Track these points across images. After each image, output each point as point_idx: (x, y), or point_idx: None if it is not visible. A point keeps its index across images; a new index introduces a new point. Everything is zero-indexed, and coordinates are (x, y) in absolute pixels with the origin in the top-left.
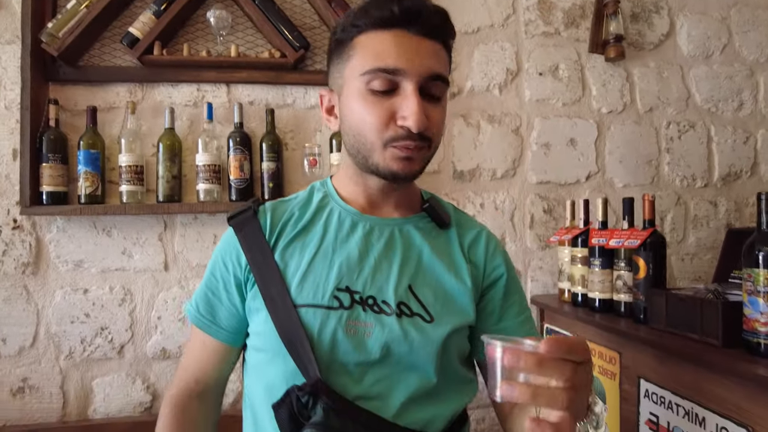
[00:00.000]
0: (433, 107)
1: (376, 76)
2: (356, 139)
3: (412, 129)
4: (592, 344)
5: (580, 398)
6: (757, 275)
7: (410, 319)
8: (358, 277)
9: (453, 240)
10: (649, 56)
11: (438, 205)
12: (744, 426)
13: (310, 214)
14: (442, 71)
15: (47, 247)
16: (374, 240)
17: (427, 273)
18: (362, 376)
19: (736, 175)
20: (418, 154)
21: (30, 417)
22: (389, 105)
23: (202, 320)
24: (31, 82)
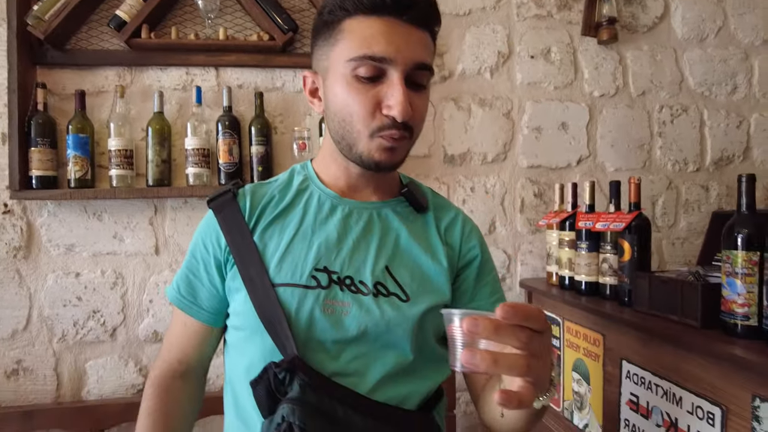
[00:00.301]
0: (418, 96)
1: (363, 63)
2: (341, 126)
3: (397, 118)
4: (578, 327)
5: (540, 366)
6: (735, 257)
7: (387, 298)
8: (336, 258)
9: (430, 223)
10: (642, 39)
11: (416, 190)
12: (717, 405)
13: (290, 196)
14: (429, 61)
15: (38, 231)
16: (353, 223)
17: (404, 254)
18: (339, 353)
19: (729, 159)
20: (401, 144)
21: (24, 398)
22: (375, 93)
23: (183, 301)
24: (18, 65)
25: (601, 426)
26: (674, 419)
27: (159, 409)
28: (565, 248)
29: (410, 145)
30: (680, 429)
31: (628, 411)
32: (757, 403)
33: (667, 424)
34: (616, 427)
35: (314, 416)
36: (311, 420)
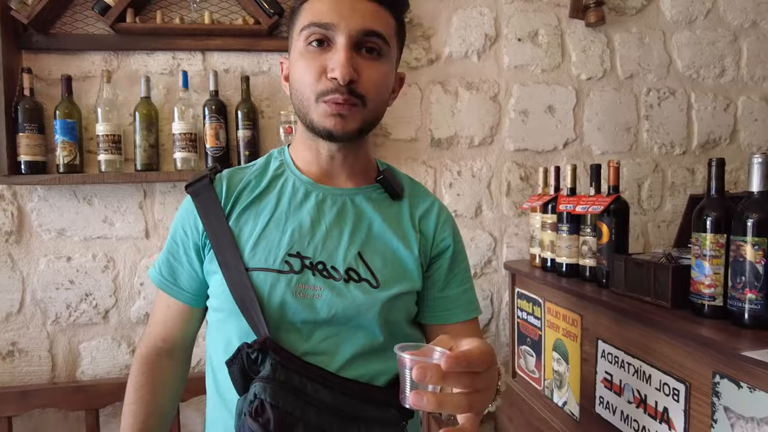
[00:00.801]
0: (368, 64)
1: (311, 30)
2: (296, 96)
3: (338, 80)
4: (558, 308)
5: (484, 398)
6: (704, 239)
7: (357, 284)
8: (309, 244)
9: (404, 211)
10: (630, 21)
11: (392, 177)
12: (682, 381)
13: (266, 182)
14: (378, 28)
15: (29, 216)
16: (326, 209)
17: (377, 241)
18: (310, 334)
19: (715, 142)
20: (351, 111)
21: (20, 379)
22: (322, 59)
23: (165, 283)
24: (3, 49)
25: (578, 403)
26: (644, 396)
27: (145, 384)
28: (547, 231)
29: (367, 116)
30: (649, 405)
31: (602, 389)
32: (717, 379)
33: (637, 401)
34: (591, 405)
35: (285, 393)
36: (282, 397)
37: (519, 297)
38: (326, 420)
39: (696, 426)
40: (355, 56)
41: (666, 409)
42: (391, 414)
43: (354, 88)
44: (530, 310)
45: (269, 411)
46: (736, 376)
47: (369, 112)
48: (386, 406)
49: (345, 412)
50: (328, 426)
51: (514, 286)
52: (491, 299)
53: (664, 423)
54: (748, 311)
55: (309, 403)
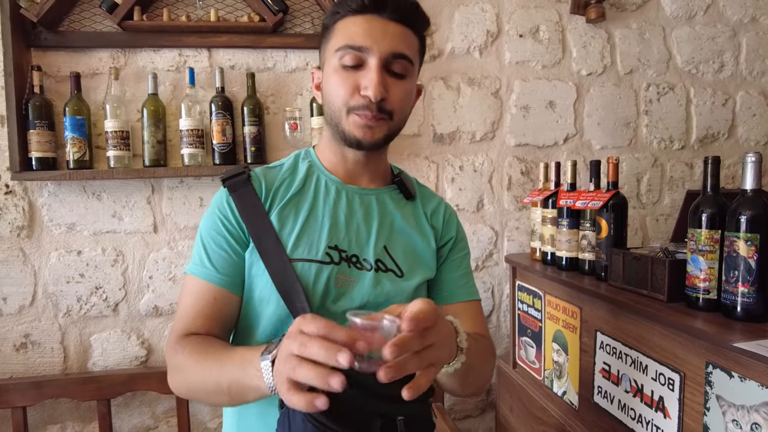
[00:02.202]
0: (396, 83)
1: (346, 52)
2: (329, 108)
3: (370, 97)
4: (558, 300)
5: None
6: (699, 235)
7: (385, 273)
8: (344, 238)
9: (418, 209)
10: (631, 17)
11: (406, 180)
12: (677, 371)
13: (300, 180)
14: (406, 51)
15: (40, 211)
16: (356, 207)
17: (399, 236)
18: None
19: (714, 137)
20: (378, 123)
21: (34, 370)
22: (356, 78)
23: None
24: (13, 47)
25: (577, 393)
26: (640, 385)
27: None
28: (547, 225)
29: (392, 128)
30: (645, 394)
31: (601, 379)
32: (710, 369)
33: (634, 390)
34: (590, 394)
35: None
36: None
37: (519, 290)
38: (369, 401)
39: (690, 414)
40: (385, 75)
41: (661, 398)
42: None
43: (383, 106)
44: (530, 303)
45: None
46: (728, 366)
47: (394, 125)
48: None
49: (381, 392)
50: (372, 405)
51: (515, 279)
52: (492, 292)
53: (659, 411)
54: (741, 304)
55: (352, 384)
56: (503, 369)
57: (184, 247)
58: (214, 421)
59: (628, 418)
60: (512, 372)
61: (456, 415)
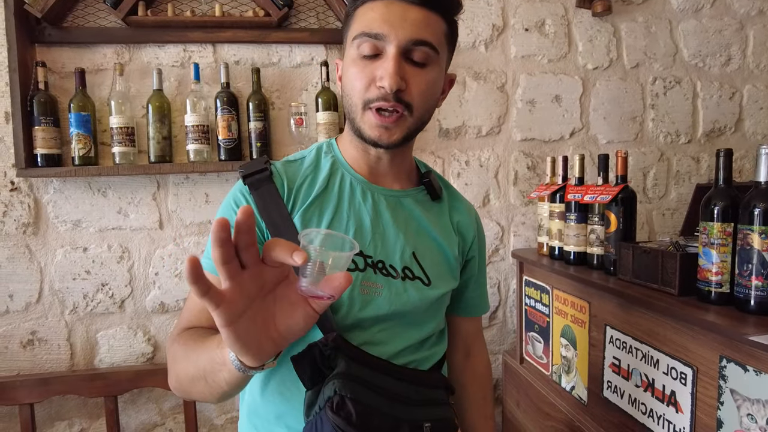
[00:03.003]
0: (416, 72)
1: (363, 40)
2: (347, 101)
3: (386, 88)
4: (566, 295)
5: None
6: (711, 228)
7: (412, 282)
8: (370, 243)
9: (445, 213)
10: (637, 10)
11: (435, 180)
12: (689, 366)
13: (324, 179)
14: (428, 37)
15: (45, 208)
16: (382, 209)
17: (426, 242)
18: (369, 326)
19: (720, 131)
20: (396, 122)
21: (41, 367)
22: (372, 68)
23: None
24: (17, 43)
25: (586, 388)
26: (651, 380)
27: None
28: (555, 219)
29: (412, 125)
30: (656, 389)
31: (610, 373)
32: (724, 363)
33: (645, 385)
34: (599, 389)
35: (361, 388)
36: (359, 391)
37: (527, 285)
38: (396, 407)
39: (703, 408)
40: (404, 64)
41: (673, 393)
42: (440, 394)
43: (401, 97)
44: (538, 298)
45: (350, 405)
46: (743, 360)
47: (414, 120)
48: (437, 388)
49: (408, 398)
50: (399, 412)
51: (522, 274)
52: (498, 287)
53: (671, 406)
54: (755, 297)
55: (380, 394)
56: (510, 364)
57: (190, 243)
58: (221, 417)
59: (639, 413)
60: (519, 367)
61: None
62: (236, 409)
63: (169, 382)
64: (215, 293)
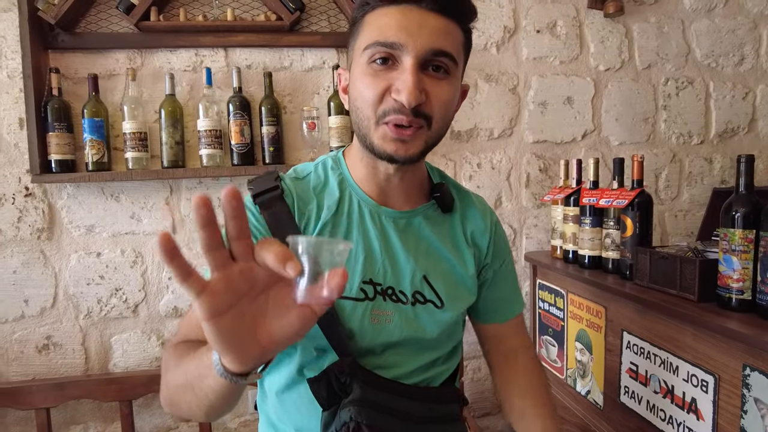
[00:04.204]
0: (436, 84)
1: (376, 50)
2: (356, 114)
3: (404, 103)
4: (581, 299)
5: None
6: (733, 234)
7: (423, 306)
8: (379, 270)
9: (457, 227)
10: (649, 11)
11: (446, 193)
12: (711, 373)
13: (335, 202)
14: (448, 48)
15: (59, 213)
16: (390, 233)
17: (437, 263)
18: (382, 352)
19: (733, 131)
20: (414, 135)
21: (56, 371)
22: (387, 79)
23: None
24: (31, 49)
25: (602, 392)
26: (671, 386)
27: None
28: (569, 223)
29: (431, 139)
30: (676, 395)
31: (628, 379)
32: (748, 371)
33: (664, 391)
34: (616, 394)
35: (377, 413)
36: (375, 417)
37: (540, 288)
38: (410, 428)
39: (725, 417)
40: (422, 76)
41: (694, 400)
42: (453, 409)
43: (420, 110)
44: (552, 301)
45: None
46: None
47: (433, 134)
48: (448, 403)
49: (421, 416)
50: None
51: (536, 277)
52: None
53: (692, 413)
54: None
55: (393, 415)
56: None
57: None
58: (234, 421)
59: (658, 419)
60: None
61: (475, 413)
62: (249, 412)
63: (160, 396)
64: (197, 280)
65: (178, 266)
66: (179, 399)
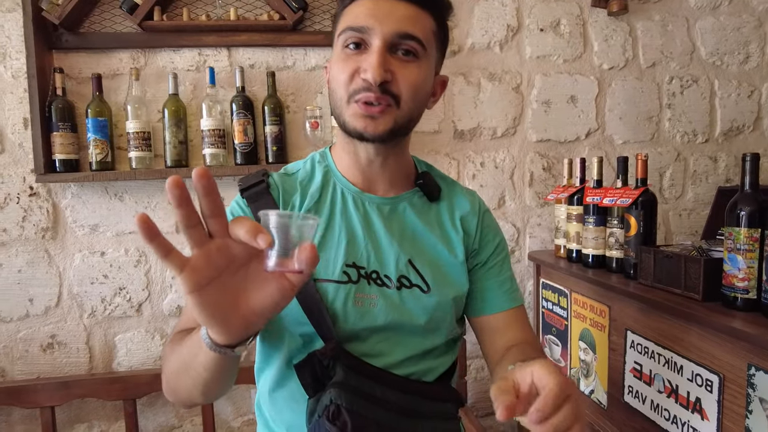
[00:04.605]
0: (403, 65)
1: (348, 35)
2: (332, 97)
3: (369, 79)
4: (585, 298)
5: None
6: (738, 233)
7: (409, 290)
8: (362, 254)
9: (444, 213)
10: (653, 9)
11: (430, 180)
12: (716, 373)
13: (317, 190)
14: (416, 32)
15: (63, 213)
16: (374, 219)
17: (423, 247)
18: (367, 338)
19: (738, 129)
20: (383, 112)
21: (60, 370)
22: (358, 61)
23: None
24: (35, 49)
25: (605, 392)
26: (675, 386)
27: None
28: (573, 222)
29: (400, 118)
30: (680, 395)
31: (631, 378)
32: (752, 371)
33: (668, 390)
34: (620, 393)
35: (358, 398)
36: (356, 401)
37: (544, 287)
38: (394, 419)
39: (730, 416)
40: (390, 58)
41: (699, 400)
42: (448, 408)
43: (388, 88)
44: (555, 301)
45: (345, 415)
46: None
47: (402, 114)
48: (442, 401)
49: (409, 410)
50: (397, 424)
51: (539, 276)
52: None
53: (696, 413)
54: None
55: (378, 404)
56: None
57: None
58: (238, 420)
59: (662, 419)
60: None
61: (478, 413)
62: (252, 411)
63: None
64: (178, 256)
65: (158, 244)
66: (177, 384)
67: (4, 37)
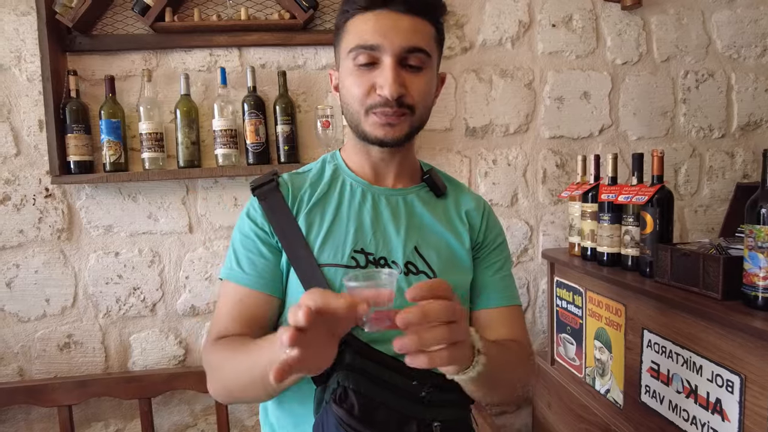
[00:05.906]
0: (414, 77)
1: (359, 52)
2: (347, 110)
3: (387, 96)
4: (600, 297)
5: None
6: (759, 231)
7: (417, 277)
8: (371, 240)
9: (450, 207)
10: (668, 2)
11: (436, 177)
12: (737, 373)
13: (326, 184)
14: (421, 44)
15: (78, 214)
16: (382, 208)
17: (430, 236)
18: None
19: (756, 124)
20: (399, 120)
21: (77, 369)
22: (371, 77)
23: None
24: (50, 52)
25: (622, 391)
26: (694, 386)
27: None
28: (587, 220)
29: (415, 122)
30: (700, 395)
31: (649, 378)
32: None
33: (687, 391)
34: (637, 393)
35: (365, 380)
36: (363, 384)
37: (558, 286)
38: (403, 403)
39: (752, 417)
40: (401, 71)
41: (719, 400)
42: (457, 396)
43: (403, 101)
44: (570, 299)
45: (353, 397)
46: None
47: (416, 119)
48: (451, 391)
49: (417, 396)
50: (406, 409)
51: (553, 275)
52: (528, 287)
53: (716, 414)
54: None
55: (386, 388)
56: (540, 365)
57: (220, 246)
58: (252, 419)
59: (681, 419)
60: (550, 369)
61: (492, 411)
62: None
63: (210, 389)
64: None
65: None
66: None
67: (19, 40)
